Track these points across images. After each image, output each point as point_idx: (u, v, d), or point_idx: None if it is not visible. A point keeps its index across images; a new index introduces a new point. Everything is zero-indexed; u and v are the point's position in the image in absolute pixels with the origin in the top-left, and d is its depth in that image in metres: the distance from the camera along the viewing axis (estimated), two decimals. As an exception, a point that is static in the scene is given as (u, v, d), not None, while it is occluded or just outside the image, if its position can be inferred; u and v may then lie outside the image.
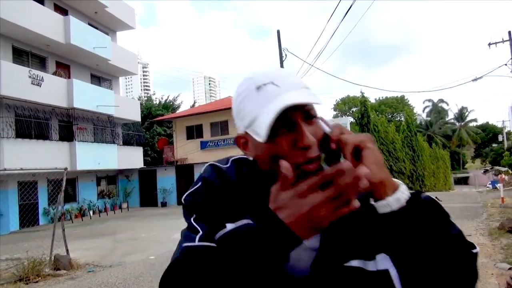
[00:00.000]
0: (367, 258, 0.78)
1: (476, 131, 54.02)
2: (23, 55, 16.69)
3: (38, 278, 6.51)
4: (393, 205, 0.72)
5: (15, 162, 13.20)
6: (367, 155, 0.72)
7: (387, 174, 0.73)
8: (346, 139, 0.74)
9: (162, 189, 22.39)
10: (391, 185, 0.73)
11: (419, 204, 0.74)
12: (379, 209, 0.73)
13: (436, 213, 0.75)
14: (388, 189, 0.72)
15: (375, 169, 0.71)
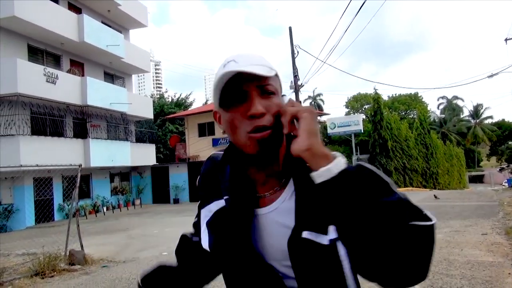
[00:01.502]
0: (319, 231, 0.82)
1: (491, 128, 53.07)
2: (38, 53, 16.93)
3: (53, 273, 6.61)
4: (325, 175, 0.75)
5: (31, 158, 13.44)
6: (300, 123, 0.78)
7: (316, 144, 0.77)
8: (286, 110, 0.81)
9: (174, 186, 22.54)
10: (323, 155, 0.77)
11: (354, 174, 0.76)
12: (314, 179, 0.77)
13: (371, 181, 0.76)
14: (321, 159, 0.76)
15: (304, 136, 0.77)
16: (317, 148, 0.76)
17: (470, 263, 5.55)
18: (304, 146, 0.76)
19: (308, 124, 0.78)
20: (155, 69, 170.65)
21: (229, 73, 0.80)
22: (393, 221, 0.71)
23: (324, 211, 0.80)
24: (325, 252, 0.81)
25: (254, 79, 0.82)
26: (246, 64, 0.82)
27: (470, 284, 4.72)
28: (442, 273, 5.21)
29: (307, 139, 0.77)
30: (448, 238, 7.51)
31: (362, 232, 0.73)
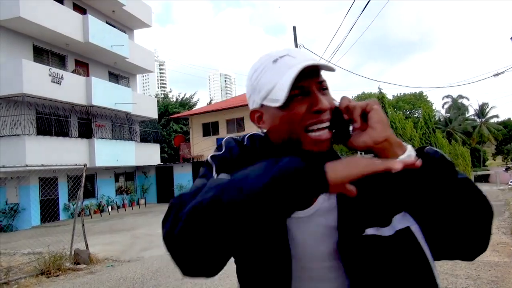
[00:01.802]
0: (382, 224, 0.82)
1: (497, 127, 52.71)
2: (43, 53, 17.03)
3: (58, 272, 6.65)
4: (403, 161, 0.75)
5: (36, 158, 13.53)
6: (372, 116, 0.78)
7: (391, 133, 0.78)
8: (354, 105, 0.81)
9: (178, 185, 22.59)
10: (398, 144, 0.78)
11: (427, 158, 0.78)
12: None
13: (442, 163, 0.80)
14: (396, 147, 0.78)
15: (380, 128, 0.77)
16: (393, 138, 0.78)
17: (476, 263, 5.52)
18: (382, 137, 0.77)
19: (380, 116, 0.78)
20: (160, 69, 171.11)
21: (301, 68, 0.77)
22: (471, 194, 0.78)
23: (386, 203, 0.82)
24: (390, 243, 0.80)
25: (314, 75, 0.81)
26: (304, 59, 0.81)
27: (476, 284, 4.69)
28: (447, 273, 5.19)
29: (383, 130, 0.77)
30: (453, 238, 7.47)
31: (438, 211, 0.77)
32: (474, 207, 0.77)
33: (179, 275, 6.33)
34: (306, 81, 0.80)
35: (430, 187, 0.77)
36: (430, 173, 0.77)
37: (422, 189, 0.77)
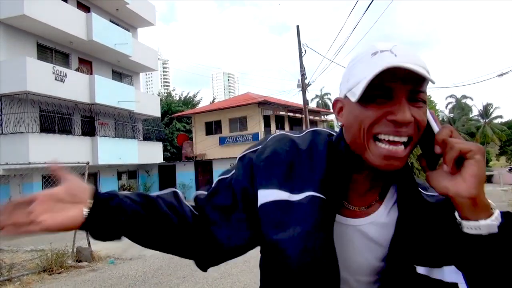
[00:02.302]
0: (434, 265, 0.77)
1: (501, 128, 52.49)
2: (47, 51, 17.07)
3: (61, 269, 6.67)
4: (483, 230, 0.67)
5: (40, 156, 13.54)
6: (469, 166, 0.67)
7: (482, 194, 0.67)
8: (453, 143, 0.68)
9: (181, 184, 22.62)
10: (484, 207, 0.67)
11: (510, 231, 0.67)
12: (464, 228, 0.68)
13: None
14: (480, 210, 0.67)
15: (471, 184, 0.66)
16: (483, 199, 0.67)
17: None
18: (470, 194, 0.66)
19: (480, 170, 0.66)
20: (163, 68, 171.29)
21: (386, 66, 0.67)
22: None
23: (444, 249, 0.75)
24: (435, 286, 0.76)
25: (408, 81, 0.70)
26: (406, 59, 0.69)
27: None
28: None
29: (475, 188, 0.66)
30: (456, 239, 7.44)
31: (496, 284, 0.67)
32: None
33: (180, 274, 6.35)
34: (395, 83, 0.70)
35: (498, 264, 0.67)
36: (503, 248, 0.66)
37: (487, 261, 0.67)
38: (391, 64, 0.67)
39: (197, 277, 5.90)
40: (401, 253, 0.79)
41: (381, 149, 0.72)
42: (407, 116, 0.69)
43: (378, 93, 0.71)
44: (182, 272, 6.26)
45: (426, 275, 0.76)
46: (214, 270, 6.17)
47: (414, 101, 0.72)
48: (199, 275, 5.98)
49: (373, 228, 0.82)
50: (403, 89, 0.70)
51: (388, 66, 0.67)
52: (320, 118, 31.09)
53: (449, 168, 0.69)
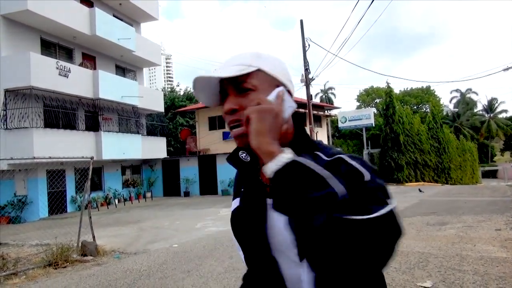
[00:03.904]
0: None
1: (506, 122, 52.19)
2: (51, 46, 17.09)
3: (66, 264, 6.71)
4: (268, 172, 0.79)
5: (44, 151, 13.63)
6: (250, 123, 0.83)
7: (263, 143, 0.81)
8: (244, 112, 0.87)
9: (185, 179, 22.67)
10: (266, 153, 0.80)
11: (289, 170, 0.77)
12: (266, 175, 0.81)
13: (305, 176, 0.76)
14: (265, 156, 0.80)
15: (252, 136, 0.82)
16: (264, 147, 0.80)
17: (483, 259, 5.48)
18: (253, 145, 0.82)
19: (254, 124, 0.82)
20: (166, 63, 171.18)
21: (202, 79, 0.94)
22: (320, 214, 0.71)
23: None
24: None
25: (230, 80, 0.92)
26: (224, 67, 0.93)
27: (483, 280, 4.66)
28: (455, 268, 5.16)
29: (254, 139, 0.82)
30: (460, 234, 7.42)
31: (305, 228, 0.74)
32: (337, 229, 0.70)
33: (185, 268, 6.35)
34: (225, 84, 0.93)
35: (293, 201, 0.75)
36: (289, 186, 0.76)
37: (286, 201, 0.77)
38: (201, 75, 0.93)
39: (202, 271, 5.92)
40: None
41: (232, 133, 0.93)
42: (225, 106, 0.92)
43: (222, 97, 0.96)
44: (187, 266, 6.28)
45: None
46: (218, 265, 6.19)
47: (241, 92, 0.92)
48: (204, 270, 6.00)
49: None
50: (230, 86, 0.93)
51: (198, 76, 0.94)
52: (324, 113, 30.97)
53: (244, 128, 0.86)
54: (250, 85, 0.91)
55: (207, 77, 0.92)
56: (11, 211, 14.78)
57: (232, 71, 0.90)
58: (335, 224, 0.70)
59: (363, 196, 0.75)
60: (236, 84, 0.91)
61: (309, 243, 0.75)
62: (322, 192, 0.73)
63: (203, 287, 5.17)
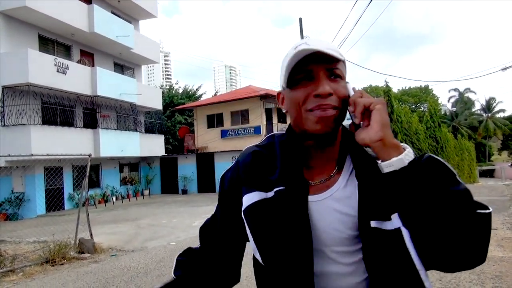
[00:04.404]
0: (384, 218, 0.85)
1: (504, 122, 52.26)
2: (49, 43, 17.03)
3: (63, 261, 6.71)
4: (396, 166, 0.79)
5: (42, 148, 13.59)
6: (373, 115, 0.82)
7: (388, 135, 0.81)
8: (359, 101, 0.84)
9: (183, 176, 22.66)
10: (393, 146, 0.81)
11: (423, 165, 0.81)
12: (382, 168, 0.82)
13: (438, 171, 0.81)
14: (391, 149, 0.81)
15: (377, 127, 0.80)
16: (389, 139, 0.81)
17: (480, 258, 5.50)
18: (377, 137, 0.80)
19: (381, 116, 0.81)
20: (165, 60, 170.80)
21: (303, 52, 0.84)
22: (461, 209, 0.76)
23: (387, 199, 0.84)
24: (391, 238, 0.83)
25: (323, 61, 0.86)
26: (317, 45, 0.85)
27: (480, 279, 4.68)
28: (451, 267, 5.18)
29: (380, 130, 0.80)
30: (457, 233, 7.44)
31: (428, 219, 0.77)
32: (465, 223, 0.76)
33: (182, 266, 6.35)
34: (314, 65, 0.86)
35: (419, 195, 0.78)
36: (420, 181, 0.78)
37: (410, 195, 0.79)
38: (302, 48, 0.83)
39: (199, 269, 5.93)
40: (368, 217, 0.86)
41: (314, 114, 0.86)
42: (326, 88, 0.84)
43: (302, 76, 0.87)
44: (184, 264, 6.28)
45: (379, 227, 0.84)
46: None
47: (332, 77, 0.87)
48: (201, 267, 6.00)
49: (336, 200, 0.90)
50: (321, 68, 0.86)
51: (299, 52, 0.83)
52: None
53: (358, 120, 0.84)
54: (341, 73, 0.89)
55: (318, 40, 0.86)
56: (8, 208, 14.74)
57: (335, 53, 0.86)
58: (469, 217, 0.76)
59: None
60: (330, 68, 0.87)
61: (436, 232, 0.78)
62: (459, 187, 0.80)
63: (201, 285, 5.17)
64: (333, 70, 0.87)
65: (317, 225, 0.89)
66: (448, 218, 0.76)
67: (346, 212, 0.88)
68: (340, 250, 0.89)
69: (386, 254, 0.84)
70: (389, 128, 0.81)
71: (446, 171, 0.82)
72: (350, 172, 0.93)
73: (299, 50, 0.83)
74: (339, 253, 0.89)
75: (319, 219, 0.89)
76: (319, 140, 0.91)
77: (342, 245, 0.89)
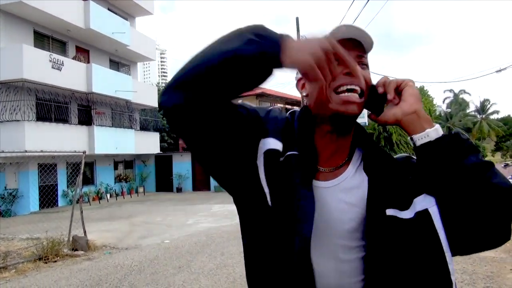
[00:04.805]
0: (402, 207, 0.85)
1: (497, 124, 52.67)
2: (44, 39, 16.91)
3: (56, 258, 6.68)
4: (431, 136, 0.82)
5: (36, 144, 13.49)
6: (406, 90, 0.86)
7: (421, 107, 0.84)
8: (390, 80, 0.88)
9: (177, 174, 22.62)
10: (427, 119, 0.84)
11: (454, 137, 0.83)
12: (417, 141, 0.83)
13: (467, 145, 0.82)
14: (424, 121, 0.83)
15: (411, 100, 0.84)
16: (423, 112, 0.84)
17: (472, 258, 5.55)
18: (412, 109, 0.83)
19: (414, 91, 0.85)
20: (161, 58, 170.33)
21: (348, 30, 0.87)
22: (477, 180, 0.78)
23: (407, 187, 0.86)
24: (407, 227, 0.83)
25: (356, 48, 0.88)
26: (355, 30, 0.88)
27: (471, 279, 4.72)
28: (443, 267, 5.21)
29: (415, 103, 0.84)
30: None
31: (453, 194, 0.79)
32: (487, 195, 0.77)
33: (176, 264, 6.35)
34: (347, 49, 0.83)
35: (452, 168, 0.79)
36: (449, 156, 0.80)
37: (443, 168, 0.80)
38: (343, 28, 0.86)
39: (193, 267, 5.93)
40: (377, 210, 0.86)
41: (341, 97, 0.85)
42: (358, 69, 0.83)
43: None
44: (178, 262, 6.28)
45: (395, 215, 0.84)
46: (209, 261, 6.20)
47: (360, 64, 0.88)
48: (195, 266, 6.01)
49: (342, 190, 0.89)
50: (352, 53, 0.86)
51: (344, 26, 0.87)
52: (318, 111, 31.01)
53: (392, 96, 0.86)
54: (367, 62, 0.92)
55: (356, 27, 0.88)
56: (1, 205, 14.64)
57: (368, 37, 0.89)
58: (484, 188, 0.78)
59: None
60: (360, 55, 0.89)
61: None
62: (481, 159, 0.81)
63: (194, 283, 5.18)
64: (362, 57, 0.90)
65: (319, 212, 0.84)
66: (466, 190, 0.78)
67: (351, 202, 0.88)
68: (339, 242, 0.86)
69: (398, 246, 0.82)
70: (422, 103, 0.84)
71: (471, 145, 0.83)
72: (358, 165, 0.93)
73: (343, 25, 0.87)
74: (338, 246, 0.86)
75: (322, 206, 0.86)
76: (339, 124, 0.88)
77: (342, 237, 0.86)
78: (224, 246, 7.35)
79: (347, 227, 0.86)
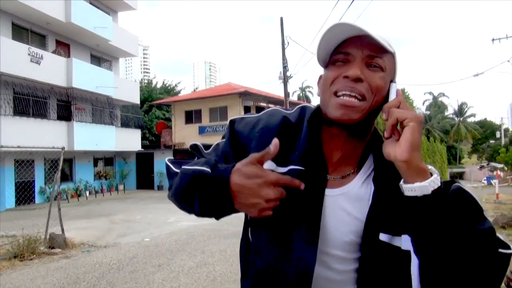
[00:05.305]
0: (395, 233, 0.81)
1: (474, 126, 54.04)
2: (22, 32, 16.48)
3: (33, 256, 6.54)
4: (418, 192, 0.72)
5: (12, 139, 13.15)
6: (404, 132, 0.73)
7: (416, 158, 0.72)
8: (393, 111, 0.76)
9: (159, 172, 22.43)
10: (420, 170, 0.73)
11: (449, 196, 0.73)
12: (405, 191, 0.75)
13: (465, 206, 0.74)
14: (416, 173, 0.73)
15: (405, 146, 0.72)
16: (416, 163, 0.72)
17: None
18: (403, 158, 0.72)
19: (412, 135, 0.72)
20: (143, 54, 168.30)
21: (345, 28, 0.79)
22: (484, 248, 0.70)
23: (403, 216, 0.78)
24: (396, 256, 0.80)
25: (365, 47, 0.80)
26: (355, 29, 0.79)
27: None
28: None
29: (407, 151, 0.72)
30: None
31: (444, 253, 0.71)
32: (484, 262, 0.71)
33: (156, 262, 6.30)
34: (353, 49, 0.81)
35: (438, 227, 0.72)
36: (441, 212, 0.71)
37: (428, 225, 0.72)
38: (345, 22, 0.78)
39: (173, 265, 5.90)
40: (376, 227, 0.82)
41: (338, 100, 0.80)
42: (356, 72, 0.78)
43: (339, 57, 0.82)
44: (158, 260, 6.24)
45: (388, 242, 0.81)
46: (190, 259, 6.19)
47: (370, 66, 0.81)
48: (175, 264, 5.98)
49: (347, 199, 0.86)
50: (360, 53, 0.80)
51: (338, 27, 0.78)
52: (301, 110, 31.15)
53: (388, 133, 0.76)
54: (383, 64, 0.81)
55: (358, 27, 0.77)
56: (-25, 201, 14.25)
57: (380, 38, 0.78)
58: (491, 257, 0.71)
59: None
60: (371, 55, 0.80)
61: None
62: (485, 226, 0.72)
63: (174, 281, 5.16)
64: (374, 58, 0.80)
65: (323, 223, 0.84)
66: (469, 256, 0.70)
67: (353, 214, 0.85)
68: (335, 253, 0.85)
69: (385, 271, 0.82)
70: (419, 150, 0.73)
71: (474, 206, 0.74)
72: (368, 174, 0.88)
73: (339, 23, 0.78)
74: (333, 257, 0.85)
75: (324, 215, 0.84)
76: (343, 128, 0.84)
77: (339, 248, 0.85)
78: (204, 244, 7.34)
79: (346, 240, 0.85)
